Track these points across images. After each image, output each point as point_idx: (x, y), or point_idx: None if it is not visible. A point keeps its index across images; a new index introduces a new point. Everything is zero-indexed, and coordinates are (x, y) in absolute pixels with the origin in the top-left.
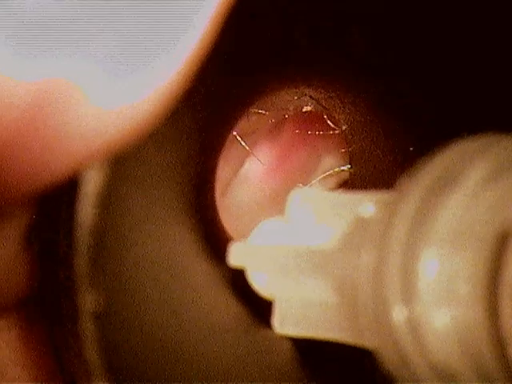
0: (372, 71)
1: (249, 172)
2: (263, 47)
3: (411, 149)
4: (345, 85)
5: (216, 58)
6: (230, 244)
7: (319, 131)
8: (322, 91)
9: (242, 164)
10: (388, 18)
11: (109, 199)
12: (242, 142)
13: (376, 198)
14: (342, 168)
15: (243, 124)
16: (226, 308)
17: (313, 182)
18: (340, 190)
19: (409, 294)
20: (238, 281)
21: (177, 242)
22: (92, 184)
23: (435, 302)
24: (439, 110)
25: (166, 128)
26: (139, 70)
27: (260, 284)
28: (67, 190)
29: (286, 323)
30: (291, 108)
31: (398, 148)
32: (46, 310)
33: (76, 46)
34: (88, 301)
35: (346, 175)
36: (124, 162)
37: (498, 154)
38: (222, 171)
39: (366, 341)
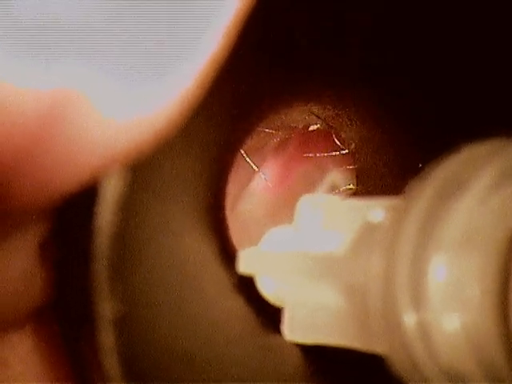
0: (380, 86)
1: (256, 187)
2: (271, 64)
3: (420, 165)
4: (352, 100)
5: (229, 73)
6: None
7: (327, 150)
8: (329, 108)
9: (250, 180)
10: (395, 31)
11: (128, 207)
12: (248, 160)
13: (385, 203)
14: (349, 186)
15: (251, 141)
16: (239, 317)
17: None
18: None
19: (419, 298)
20: (249, 289)
21: (190, 253)
22: (112, 190)
23: (445, 307)
24: (449, 125)
25: (181, 142)
26: (154, 80)
27: (269, 291)
28: (85, 197)
29: (296, 330)
30: (299, 126)
31: (406, 165)
32: (63, 318)
33: (88, 54)
34: (107, 307)
35: (352, 192)
36: (142, 173)
37: (505, 158)
38: (232, 186)
39: (377, 346)
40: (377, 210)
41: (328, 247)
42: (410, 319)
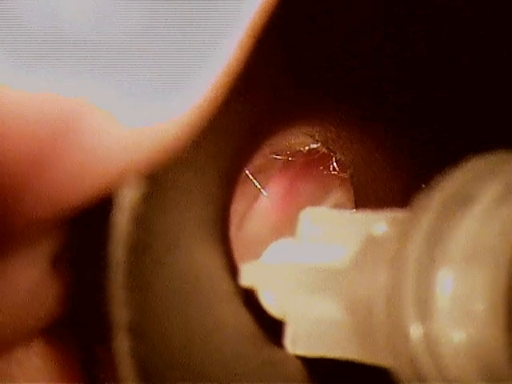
0: (382, 108)
1: (260, 207)
2: (280, 85)
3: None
4: (354, 124)
5: (241, 91)
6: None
7: (329, 171)
8: (331, 131)
9: (255, 200)
10: (399, 58)
11: (143, 217)
12: (253, 179)
13: (389, 216)
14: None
15: (256, 162)
16: (247, 332)
17: None
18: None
19: (425, 312)
20: (257, 303)
21: (200, 267)
22: (128, 200)
23: (452, 320)
24: (450, 147)
25: (193, 156)
26: (167, 92)
27: (271, 304)
28: (101, 207)
29: (299, 343)
30: (302, 149)
31: (406, 187)
32: (78, 326)
33: (100, 66)
34: (123, 314)
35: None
36: (156, 185)
37: (510, 172)
38: (238, 205)
39: (381, 359)
40: (381, 222)
41: (331, 260)
42: (416, 331)
